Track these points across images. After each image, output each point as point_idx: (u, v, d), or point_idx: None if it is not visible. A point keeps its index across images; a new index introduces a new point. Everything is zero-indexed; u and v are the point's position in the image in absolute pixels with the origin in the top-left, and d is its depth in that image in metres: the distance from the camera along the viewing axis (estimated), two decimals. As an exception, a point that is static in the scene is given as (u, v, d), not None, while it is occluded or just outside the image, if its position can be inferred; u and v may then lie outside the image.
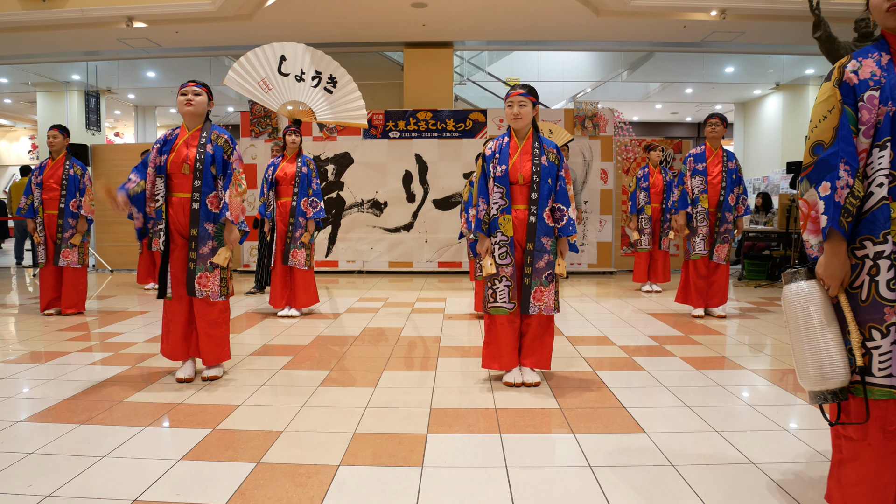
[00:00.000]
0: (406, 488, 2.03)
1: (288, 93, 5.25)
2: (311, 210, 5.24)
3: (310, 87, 5.34)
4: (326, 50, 5.67)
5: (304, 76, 5.32)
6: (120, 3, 7.58)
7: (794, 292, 1.67)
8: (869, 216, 1.61)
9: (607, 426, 2.62)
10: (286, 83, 5.27)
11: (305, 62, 5.33)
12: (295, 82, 5.29)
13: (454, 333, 4.64)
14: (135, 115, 13.70)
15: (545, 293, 3.17)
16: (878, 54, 1.64)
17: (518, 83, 3.54)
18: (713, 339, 4.43)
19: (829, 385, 1.63)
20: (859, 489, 1.64)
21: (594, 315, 5.46)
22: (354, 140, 8.79)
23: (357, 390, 3.15)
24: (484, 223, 3.20)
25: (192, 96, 3.24)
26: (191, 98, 3.23)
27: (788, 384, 3.27)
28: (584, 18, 8.01)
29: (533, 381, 3.20)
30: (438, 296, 6.70)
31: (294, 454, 2.31)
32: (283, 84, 5.26)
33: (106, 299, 6.49)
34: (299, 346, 4.17)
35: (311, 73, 5.35)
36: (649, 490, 2.01)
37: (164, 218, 3.20)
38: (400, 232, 8.85)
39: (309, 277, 5.36)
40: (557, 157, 3.22)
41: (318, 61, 5.37)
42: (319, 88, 5.37)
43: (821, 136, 1.65)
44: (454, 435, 2.52)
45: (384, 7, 7.67)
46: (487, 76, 11.10)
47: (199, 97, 3.25)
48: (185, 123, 3.31)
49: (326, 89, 5.40)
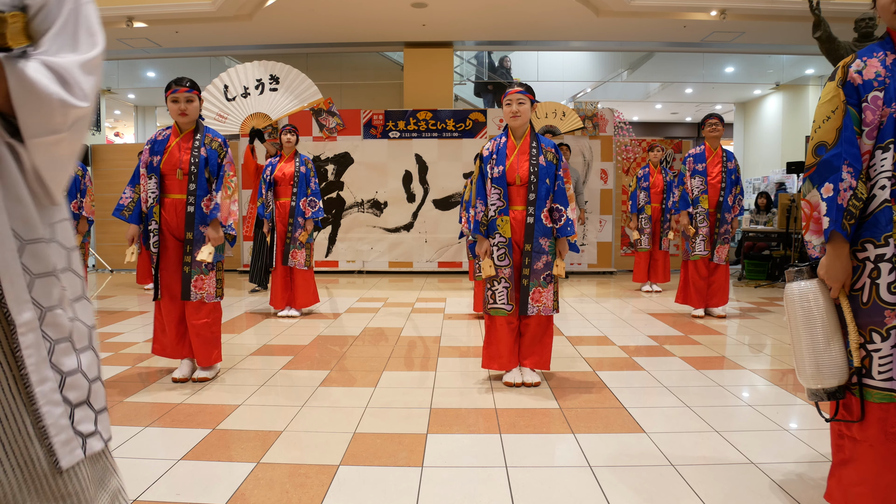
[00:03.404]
0: (406, 488, 2.03)
1: (241, 112, 5.37)
2: (310, 210, 5.24)
3: (256, 97, 5.45)
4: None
5: (248, 91, 5.44)
6: (120, 3, 7.57)
7: (796, 290, 1.67)
8: (871, 218, 1.60)
9: (607, 426, 2.61)
10: (237, 105, 5.38)
11: (245, 78, 5.47)
12: (243, 100, 5.41)
13: (454, 333, 4.64)
14: (135, 116, 13.69)
15: (544, 294, 3.17)
16: (884, 54, 1.62)
17: (518, 82, 3.54)
18: (713, 339, 4.43)
19: (826, 384, 1.63)
20: (860, 489, 1.64)
21: (594, 315, 5.46)
22: (354, 140, 8.79)
23: (357, 390, 3.15)
24: (482, 225, 3.20)
25: (184, 104, 3.18)
26: (184, 108, 3.18)
27: (788, 384, 3.27)
28: (584, 18, 8.01)
29: (533, 382, 3.20)
30: (438, 296, 6.70)
31: (294, 454, 2.31)
32: (234, 107, 5.37)
33: (106, 299, 6.49)
34: (299, 346, 4.17)
35: (253, 84, 5.47)
36: (649, 490, 2.01)
37: (157, 219, 3.21)
38: (400, 232, 8.85)
39: (309, 278, 5.36)
40: (556, 157, 3.21)
41: (255, 70, 5.51)
42: (266, 92, 5.48)
43: (824, 137, 1.64)
44: (454, 435, 2.51)
45: (384, 7, 7.67)
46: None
47: (191, 104, 3.20)
48: (176, 124, 3.29)
49: (272, 89, 5.49)
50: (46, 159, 0.97)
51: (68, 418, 0.96)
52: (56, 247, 1.02)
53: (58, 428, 0.95)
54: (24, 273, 0.95)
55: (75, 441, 0.97)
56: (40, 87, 0.90)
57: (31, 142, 0.93)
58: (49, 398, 0.94)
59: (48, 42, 0.96)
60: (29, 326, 0.93)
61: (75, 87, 0.95)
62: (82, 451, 0.98)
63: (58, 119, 0.94)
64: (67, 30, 0.99)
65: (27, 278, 0.95)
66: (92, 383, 1.03)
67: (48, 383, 0.94)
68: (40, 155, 0.95)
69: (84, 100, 0.96)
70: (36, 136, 0.93)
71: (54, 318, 0.97)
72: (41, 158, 0.96)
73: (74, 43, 0.99)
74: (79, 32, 1.00)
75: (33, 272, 0.96)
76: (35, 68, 0.91)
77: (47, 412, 0.93)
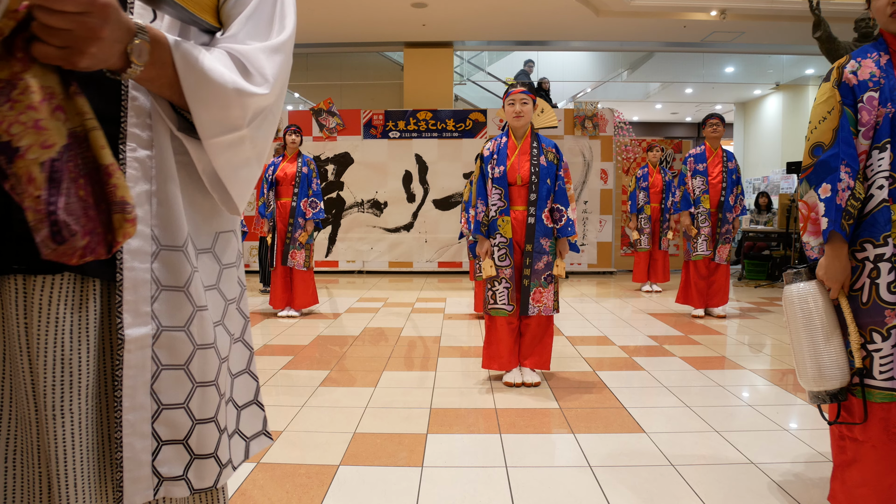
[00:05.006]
0: (406, 488, 2.03)
1: None
2: (311, 210, 5.25)
3: None
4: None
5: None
6: (120, 3, 7.57)
7: (794, 293, 1.67)
8: (869, 218, 1.60)
9: (607, 426, 2.62)
10: None
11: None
12: None
13: (454, 333, 4.64)
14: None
15: (544, 294, 3.17)
16: (877, 54, 1.63)
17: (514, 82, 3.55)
18: (713, 339, 4.43)
19: (828, 386, 1.62)
20: (863, 491, 1.63)
21: (594, 315, 5.46)
22: (354, 140, 8.79)
23: (357, 390, 3.15)
24: (483, 225, 3.20)
25: None
26: None
27: (788, 384, 3.27)
28: (584, 18, 8.01)
29: (533, 382, 3.20)
30: (438, 296, 6.70)
31: (294, 454, 2.31)
32: None
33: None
34: (299, 346, 4.17)
35: None
36: (649, 490, 2.01)
37: None
38: (400, 232, 8.85)
39: (308, 279, 5.36)
40: (556, 157, 3.22)
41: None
42: None
43: (820, 138, 1.64)
44: (454, 435, 2.52)
45: (384, 7, 7.67)
46: (487, 76, 11.11)
47: None
48: None
49: None
50: (227, 162, 0.84)
51: (150, 454, 0.83)
52: (209, 260, 0.90)
53: (134, 463, 0.81)
54: (152, 283, 0.82)
55: (148, 481, 0.83)
56: (213, 75, 0.77)
57: (209, 143, 0.81)
58: (136, 429, 0.81)
59: (238, 26, 0.84)
60: (137, 343, 0.80)
61: (255, 73, 0.82)
62: (153, 491, 0.83)
63: (236, 112, 0.81)
64: (263, 14, 0.86)
65: (153, 289, 0.82)
66: (199, 424, 0.86)
67: (140, 411, 0.81)
68: (221, 158, 0.83)
69: (264, 85, 0.83)
70: (214, 135, 0.80)
71: (173, 339, 0.83)
72: (222, 162, 0.83)
73: (268, 30, 0.86)
74: (274, 18, 0.87)
75: (162, 283, 0.83)
76: (214, 57, 0.78)
77: (128, 444, 0.80)
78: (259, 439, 1.04)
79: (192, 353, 0.85)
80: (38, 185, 0.63)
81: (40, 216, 0.64)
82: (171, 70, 0.75)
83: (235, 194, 0.88)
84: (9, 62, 0.62)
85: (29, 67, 0.63)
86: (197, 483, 0.87)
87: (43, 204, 0.64)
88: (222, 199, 0.89)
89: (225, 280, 0.95)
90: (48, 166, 0.64)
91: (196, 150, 0.84)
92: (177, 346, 0.83)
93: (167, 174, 0.83)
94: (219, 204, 0.90)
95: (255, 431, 1.02)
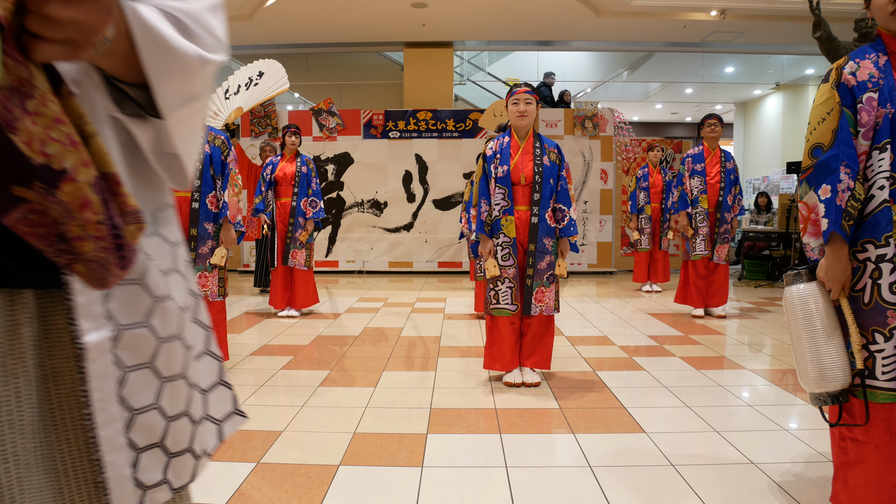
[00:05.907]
0: (406, 488, 2.03)
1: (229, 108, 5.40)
2: (311, 210, 5.25)
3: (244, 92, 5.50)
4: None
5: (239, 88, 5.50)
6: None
7: (795, 294, 1.67)
8: (870, 219, 1.60)
9: (607, 426, 2.62)
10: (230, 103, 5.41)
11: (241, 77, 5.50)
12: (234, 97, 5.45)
13: (454, 333, 4.64)
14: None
15: (546, 294, 3.17)
16: (876, 55, 1.62)
17: (518, 83, 3.55)
18: (713, 339, 4.43)
19: (829, 387, 1.62)
20: (866, 492, 1.63)
21: (594, 315, 5.47)
22: (354, 140, 8.79)
23: (357, 390, 3.15)
24: (486, 224, 3.20)
25: None
26: None
27: (788, 384, 3.27)
28: (584, 18, 8.02)
29: (533, 382, 3.20)
30: (438, 296, 6.70)
31: (294, 454, 2.31)
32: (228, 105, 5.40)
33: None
34: (299, 346, 4.17)
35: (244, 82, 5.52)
36: (649, 490, 2.01)
37: None
38: (400, 232, 8.85)
39: (308, 278, 5.36)
40: (558, 157, 3.22)
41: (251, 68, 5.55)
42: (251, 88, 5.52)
43: (820, 139, 1.64)
44: (454, 435, 2.52)
45: (384, 7, 7.67)
46: (487, 76, 11.10)
47: None
48: None
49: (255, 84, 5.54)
50: (186, 134, 0.75)
51: (131, 466, 0.75)
52: (158, 242, 0.79)
53: (118, 482, 0.74)
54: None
55: (132, 496, 0.75)
56: (174, 43, 0.66)
57: (171, 116, 0.71)
58: (114, 443, 0.72)
59: None
60: (98, 350, 0.69)
61: (205, 35, 0.72)
62: None
63: (198, 81, 0.71)
64: None
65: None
66: (172, 421, 0.79)
67: (114, 423, 0.72)
68: (182, 130, 0.74)
69: (221, 50, 0.73)
70: (176, 107, 0.70)
71: (134, 338, 0.73)
72: (182, 134, 0.74)
73: None
74: None
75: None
76: (151, 13, 0.65)
77: (110, 462, 0.71)
78: (232, 420, 0.95)
79: (157, 349, 0.76)
80: (96, 210, 0.55)
81: (105, 244, 0.56)
82: (126, 41, 0.63)
83: (189, 165, 0.79)
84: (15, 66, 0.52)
85: (32, 71, 0.53)
86: (176, 482, 0.81)
87: (107, 229, 0.56)
88: (173, 173, 0.79)
89: (180, 259, 0.84)
90: (98, 186, 0.56)
91: (140, 128, 0.73)
92: (139, 344, 0.74)
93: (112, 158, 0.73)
94: (165, 179, 0.80)
95: (225, 413, 0.94)
